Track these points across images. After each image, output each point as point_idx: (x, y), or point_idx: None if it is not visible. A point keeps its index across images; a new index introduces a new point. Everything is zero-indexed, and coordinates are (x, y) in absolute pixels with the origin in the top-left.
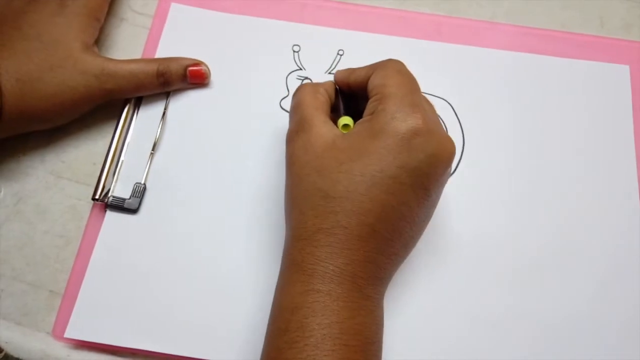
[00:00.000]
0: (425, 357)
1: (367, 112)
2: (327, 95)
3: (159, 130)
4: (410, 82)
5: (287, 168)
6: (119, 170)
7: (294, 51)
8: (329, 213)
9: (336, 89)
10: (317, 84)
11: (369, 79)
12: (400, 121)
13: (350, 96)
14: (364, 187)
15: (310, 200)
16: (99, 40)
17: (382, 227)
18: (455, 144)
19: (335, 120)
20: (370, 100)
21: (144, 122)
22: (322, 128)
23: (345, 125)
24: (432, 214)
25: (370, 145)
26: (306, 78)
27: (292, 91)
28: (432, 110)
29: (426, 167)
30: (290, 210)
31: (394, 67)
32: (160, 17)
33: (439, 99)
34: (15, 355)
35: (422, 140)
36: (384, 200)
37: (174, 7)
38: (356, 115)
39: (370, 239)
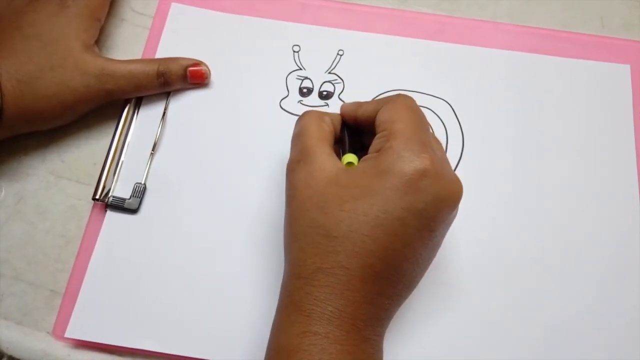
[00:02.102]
0: (425, 357)
1: (373, 148)
2: (333, 126)
3: (159, 131)
4: (419, 120)
5: (287, 199)
6: (119, 170)
7: (294, 51)
8: (330, 252)
9: (342, 121)
10: (323, 113)
11: (377, 113)
12: (408, 161)
13: (356, 130)
14: (367, 228)
15: (311, 237)
16: (99, 40)
17: (384, 268)
18: (455, 145)
19: (338, 153)
20: (377, 136)
21: (144, 122)
22: (326, 161)
23: (349, 163)
24: (436, 253)
25: (375, 185)
26: (306, 78)
27: (292, 91)
28: (440, 149)
29: (432, 210)
30: (290, 245)
31: (403, 103)
32: (160, 17)
33: (438, 99)
34: (16, 355)
35: (429, 182)
36: (388, 242)
37: (174, 7)
38: (361, 151)
39: (372, 281)
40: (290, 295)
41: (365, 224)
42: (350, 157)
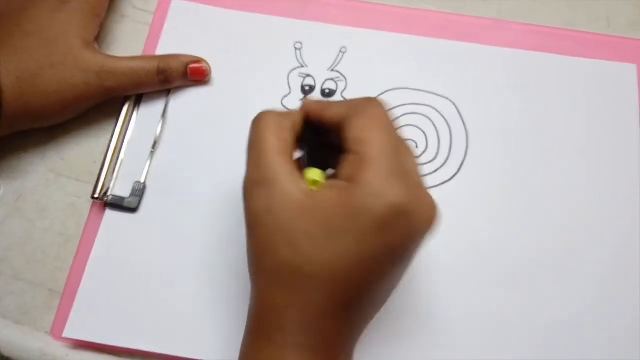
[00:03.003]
0: (425, 357)
1: (343, 172)
2: (294, 132)
3: (159, 129)
4: (393, 141)
5: (248, 226)
6: (119, 168)
7: (295, 48)
8: (300, 291)
9: (304, 121)
10: (283, 115)
11: (344, 121)
12: (383, 199)
13: (318, 129)
14: (341, 268)
15: (280, 275)
16: (99, 37)
17: (357, 301)
18: (459, 144)
19: (301, 160)
20: (346, 158)
21: (144, 120)
22: (288, 184)
23: (314, 182)
24: (406, 270)
25: (348, 223)
26: (308, 75)
27: (294, 89)
28: (414, 167)
29: (407, 242)
30: (256, 277)
31: (376, 117)
32: (161, 14)
33: (442, 97)
34: (14, 355)
35: (405, 219)
36: (362, 279)
37: (175, 3)
38: (324, 150)
39: (344, 313)
40: (259, 324)
41: (338, 263)
42: (314, 174)
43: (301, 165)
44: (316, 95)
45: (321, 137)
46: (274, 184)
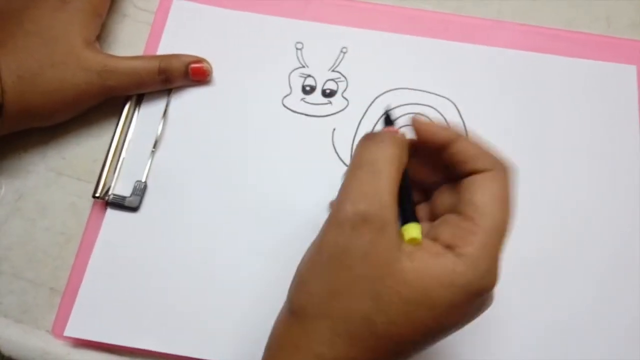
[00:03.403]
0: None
1: (444, 231)
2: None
3: (160, 128)
4: (509, 222)
5: (331, 260)
6: (120, 168)
7: (296, 48)
8: (370, 349)
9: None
10: (404, 147)
11: (471, 170)
12: (483, 281)
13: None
14: (416, 336)
15: (353, 326)
16: (100, 36)
17: None
18: None
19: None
20: (453, 217)
21: (145, 119)
22: (395, 236)
23: (413, 239)
24: None
25: (443, 297)
26: (309, 76)
27: (294, 89)
28: None
29: (471, 320)
30: (315, 317)
31: (506, 190)
32: (162, 14)
33: (442, 98)
34: (15, 354)
35: (484, 300)
36: (425, 346)
37: (176, 3)
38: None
39: None
40: None
41: (416, 333)
42: (414, 231)
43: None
44: (316, 95)
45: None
46: (383, 230)
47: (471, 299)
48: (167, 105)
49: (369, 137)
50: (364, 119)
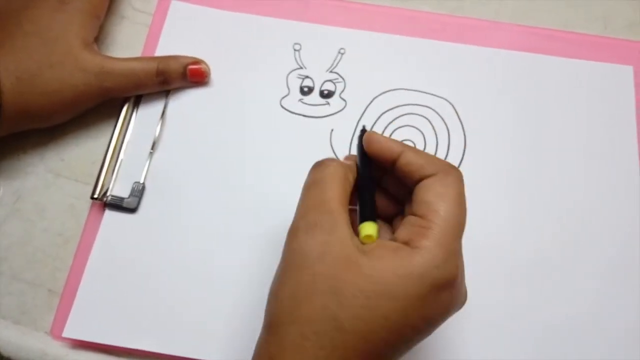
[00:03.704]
0: (425, 357)
1: (402, 232)
2: (353, 185)
3: (158, 129)
4: (462, 220)
5: (290, 267)
6: (118, 169)
7: (294, 50)
8: (338, 347)
9: (358, 173)
10: (347, 168)
11: (421, 177)
12: (442, 271)
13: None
14: (383, 332)
15: (319, 325)
16: (99, 37)
17: None
18: (457, 145)
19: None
20: (410, 219)
21: (143, 120)
22: (346, 235)
23: (368, 236)
24: None
25: (401, 288)
26: (307, 77)
27: (292, 90)
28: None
29: (440, 319)
30: (285, 325)
31: (455, 190)
32: (160, 15)
33: (440, 98)
34: (14, 355)
35: (449, 294)
36: (396, 345)
37: (174, 4)
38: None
39: None
40: None
41: (382, 327)
42: (370, 229)
43: (353, 218)
44: (314, 96)
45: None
46: (332, 231)
47: (433, 291)
48: (165, 107)
49: (316, 164)
50: (361, 119)
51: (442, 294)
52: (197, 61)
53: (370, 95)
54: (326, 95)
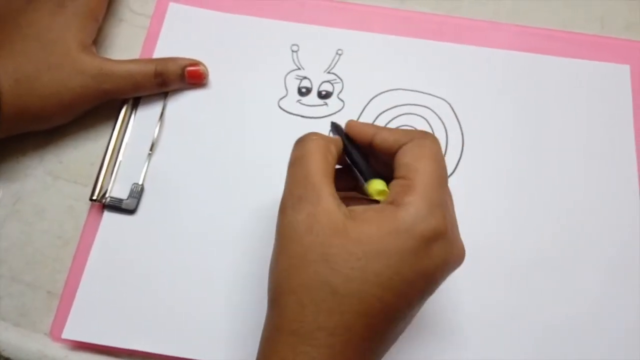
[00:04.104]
0: (425, 357)
1: (389, 193)
2: (337, 157)
3: (156, 131)
4: (442, 175)
5: (283, 241)
6: (117, 170)
7: (292, 51)
8: (334, 311)
9: (345, 144)
10: (329, 139)
11: (399, 147)
12: (426, 223)
13: (356, 147)
14: (378, 290)
15: (314, 292)
16: (97, 40)
17: (384, 327)
18: (455, 145)
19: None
20: (394, 182)
21: (141, 122)
22: (332, 204)
23: (381, 191)
24: None
25: (390, 244)
26: (305, 78)
27: (290, 91)
28: (452, 206)
29: (439, 273)
30: (283, 296)
31: (431, 149)
32: (158, 17)
33: (438, 98)
34: (13, 357)
35: (442, 246)
36: (394, 303)
37: (172, 7)
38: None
39: (371, 339)
40: (278, 353)
41: (376, 285)
42: (380, 184)
43: (359, 183)
44: (312, 96)
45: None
46: (317, 202)
47: (422, 244)
48: (163, 108)
49: (298, 140)
50: (359, 120)
51: (434, 247)
52: (195, 63)
53: (368, 95)
54: (324, 96)
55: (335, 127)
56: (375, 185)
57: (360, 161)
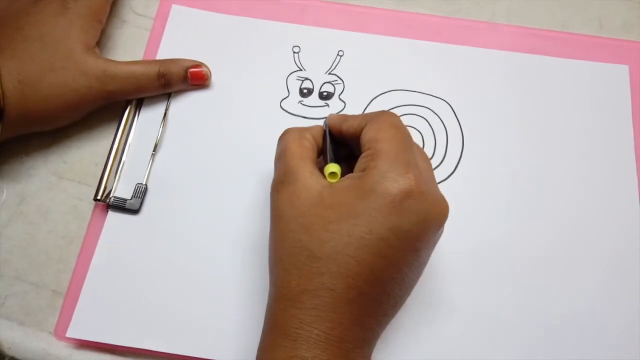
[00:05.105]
0: (425, 357)
1: (358, 167)
2: (314, 141)
3: (160, 131)
4: (404, 138)
5: (272, 221)
6: (121, 171)
7: (294, 52)
8: (314, 274)
9: (324, 132)
10: (304, 129)
11: (362, 130)
12: (392, 181)
13: (340, 141)
14: (351, 249)
15: (295, 258)
16: (100, 41)
17: (370, 289)
18: (455, 145)
19: (322, 167)
20: (362, 155)
21: (145, 123)
22: (309, 180)
23: (332, 174)
24: (421, 272)
25: (359, 205)
26: (306, 79)
27: (292, 92)
28: (427, 167)
29: (417, 230)
30: (274, 266)
31: (388, 121)
32: (161, 19)
33: (438, 99)
34: (18, 356)
35: (414, 202)
36: (373, 262)
37: (175, 8)
38: (345, 160)
39: (358, 302)
40: (275, 318)
41: (349, 244)
42: (332, 167)
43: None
44: (314, 97)
45: (341, 149)
46: (296, 181)
47: (391, 202)
48: (166, 109)
49: (279, 138)
50: None
51: (404, 204)
52: (198, 64)
53: (369, 96)
54: (325, 96)
55: (324, 121)
56: (329, 169)
57: (327, 148)
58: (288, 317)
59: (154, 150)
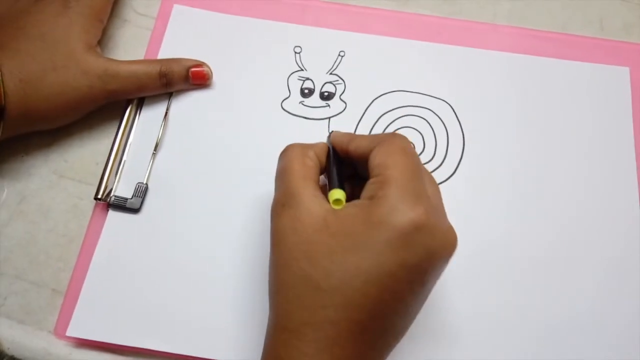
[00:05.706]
0: (425, 357)
1: (365, 194)
2: (317, 160)
3: (161, 131)
4: (414, 166)
5: (272, 245)
6: (121, 170)
7: (295, 52)
8: (318, 306)
9: (329, 151)
10: (307, 147)
11: (370, 151)
12: (402, 214)
13: (345, 160)
14: (358, 283)
15: (298, 289)
16: (101, 41)
17: (373, 323)
18: (456, 146)
19: (325, 186)
20: (369, 182)
21: (146, 122)
22: (312, 203)
23: (337, 200)
24: (425, 301)
25: (367, 237)
26: (307, 79)
27: (293, 92)
28: (436, 193)
29: (425, 264)
30: (275, 293)
31: (398, 146)
32: (162, 19)
33: (439, 100)
34: (18, 355)
35: (424, 236)
36: (378, 296)
37: (177, 8)
38: (348, 180)
39: (361, 336)
40: (275, 349)
41: (356, 278)
42: (337, 194)
43: (327, 190)
44: (315, 98)
45: (346, 169)
46: (298, 204)
47: (400, 235)
48: (167, 109)
49: (280, 153)
50: (361, 121)
51: (414, 237)
52: (199, 64)
53: (370, 97)
54: (326, 97)
55: (329, 136)
56: (334, 195)
57: (332, 170)
58: (289, 349)
59: (154, 150)
